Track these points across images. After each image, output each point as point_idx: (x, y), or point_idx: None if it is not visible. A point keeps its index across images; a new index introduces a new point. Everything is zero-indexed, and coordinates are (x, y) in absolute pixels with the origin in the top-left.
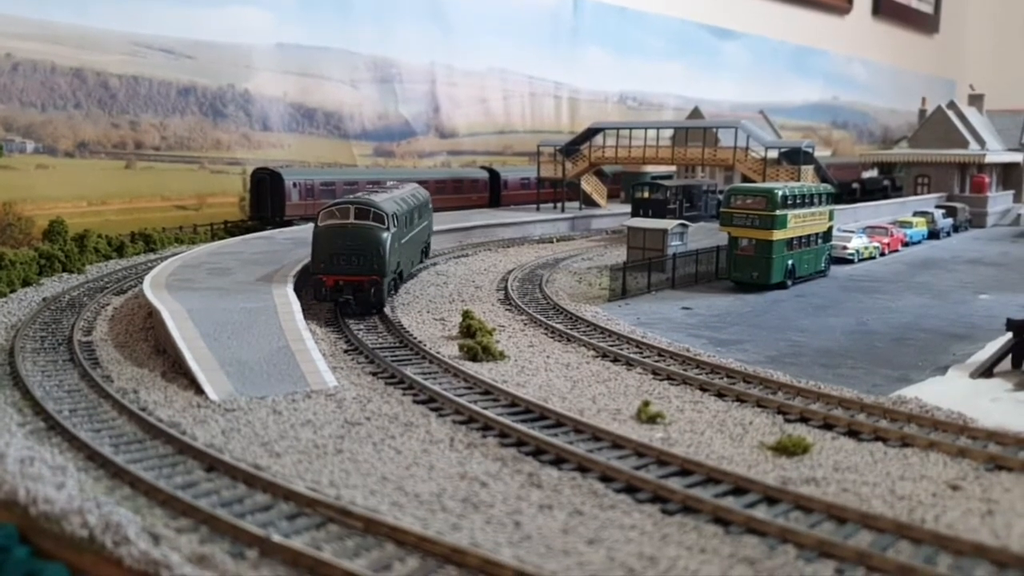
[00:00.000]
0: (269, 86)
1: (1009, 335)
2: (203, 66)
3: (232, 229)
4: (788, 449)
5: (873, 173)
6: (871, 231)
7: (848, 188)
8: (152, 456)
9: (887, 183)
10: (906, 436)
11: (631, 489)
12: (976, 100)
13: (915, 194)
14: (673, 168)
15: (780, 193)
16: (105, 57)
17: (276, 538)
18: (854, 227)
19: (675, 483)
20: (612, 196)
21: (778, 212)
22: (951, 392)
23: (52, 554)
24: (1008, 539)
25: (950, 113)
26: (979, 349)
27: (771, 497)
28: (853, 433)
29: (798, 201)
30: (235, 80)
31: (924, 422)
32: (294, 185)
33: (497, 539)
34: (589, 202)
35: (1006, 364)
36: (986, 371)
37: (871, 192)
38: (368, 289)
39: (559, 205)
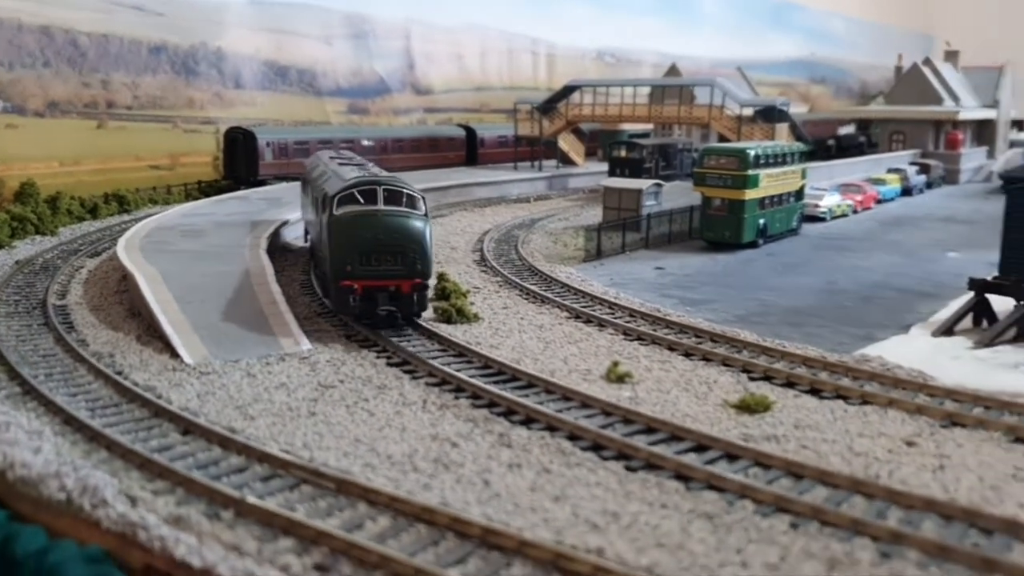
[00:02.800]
0: (242, 43)
1: (971, 294)
2: (174, 24)
3: (206, 189)
4: (750, 407)
5: (850, 129)
6: (844, 189)
7: (824, 145)
8: (128, 420)
9: (863, 140)
10: (866, 394)
11: (597, 447)
12: (951, 57)
13: (890, 151)
14: (650, 126)
15: (752, 153)
16: (73, 14)
17: (251, 499)
18: (827, 185)
19: (640, 441)
20: (589, 154)
21: (750, 172)
22: (913, 350)
23: (30, 517)
24: (957, 493)
25: (925, 70)
26: (944, 307)
27: (732, 454)
28: (815, 391)
29: (770, 160)
30: (207, 38)
31: (885, 380)
32: (267, 144)
33: (467, 498)
34: (566, 160)
35: (968, 323)
36: (947, 330)
37: (847, 149)
38: (411, 296)
39: (536, 164)
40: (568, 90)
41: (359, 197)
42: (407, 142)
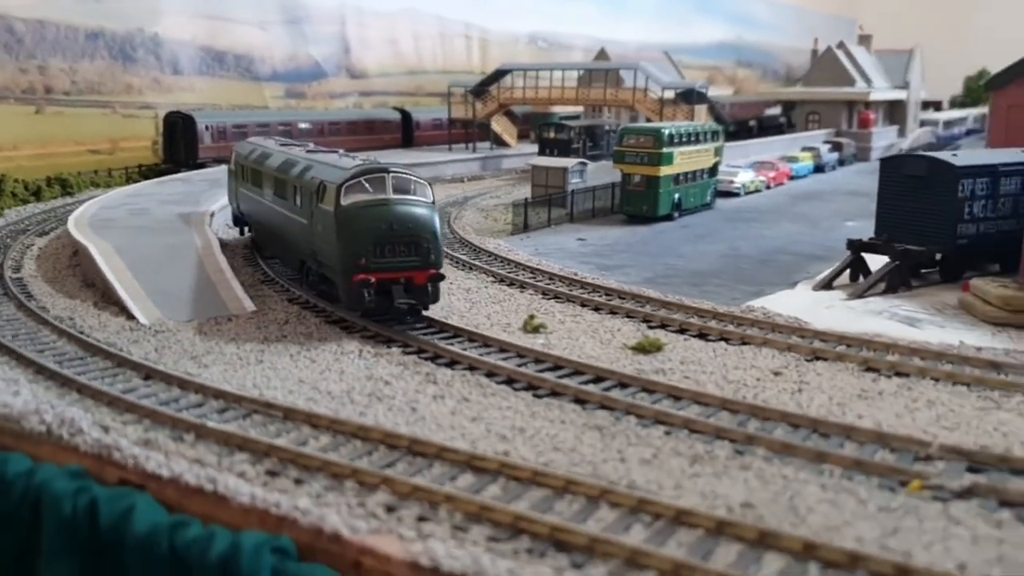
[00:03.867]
0: (178, 30)
1: (849, 253)
2: (110, 10)
3: (147, 172)
4: (645, 348)
5: (777, 111)
6: (758, 166)
7: (745, 125)
8: (94, 369)
9: (783, 120)
10: (746, 336)
11: (511, 381)
12: (865, 40)
13: (806, 130)
14: (580, 109)
15: (667, 132)
16: (8, 0)
17: (211, 423)
18: (743, 163)
19: (547, 375)
20: (522, 136)
21: (664, 150)
22: (794, 302)
23: (13, 448)
24: (808, 409)
25: (839, 53)
26: (831, 267)
27: (624, 383)
28: (703, 335)
29: (684, 139)
30: (143, 24)
31: (764, 325)
32: (206, 128)
33: (396, 421)
34: (499, 142)
35: (847, 279)
36: (827, 284)
37: (767, 129)
38: (425, 287)
39: (470, 145)
40: (499, 74)
41: (367, 185)
42: (343, 125)
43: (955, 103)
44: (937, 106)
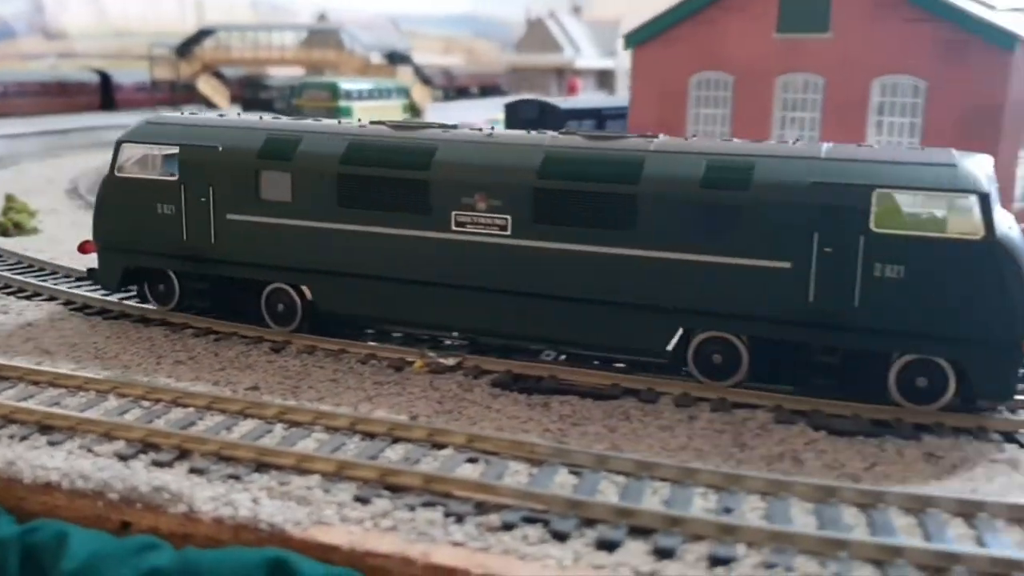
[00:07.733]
0: None
1: None
2: None
3: None
4: None
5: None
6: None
7: (466, 91)
8: None
9: (504, 88)
10: None
11: (84, 307)
12: (576, 11)
13: (516, 95)
14: (302, 71)
15: (343, 87)
16: None
17: None
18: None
19: (126, 302)
20: (239, 99)
21: (341, 103)
22: None
23: None
24: None
25: (549, 22)
26: None
27: None
28: None
29: (366, 95)
30: None
31: None
32: None
33: None
34: (209, 104)
35: None
36: None
37: (487, 94)
38: None
39: (178, 107)
40: (203, 34)
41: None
42: (31, 86)
43: None
44: None
